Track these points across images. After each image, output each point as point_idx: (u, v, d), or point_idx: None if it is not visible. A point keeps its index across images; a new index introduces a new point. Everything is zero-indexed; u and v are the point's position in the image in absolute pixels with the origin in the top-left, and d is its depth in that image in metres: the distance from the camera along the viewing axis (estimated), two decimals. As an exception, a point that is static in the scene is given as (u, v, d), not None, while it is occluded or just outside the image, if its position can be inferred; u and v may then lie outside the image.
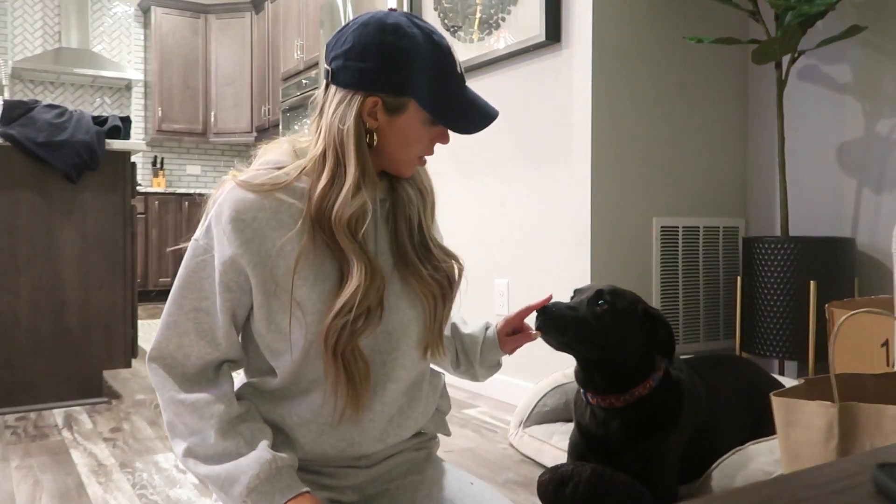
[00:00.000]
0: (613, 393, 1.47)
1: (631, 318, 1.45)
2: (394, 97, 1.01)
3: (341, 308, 0.99)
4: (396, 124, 1.03)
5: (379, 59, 1.00)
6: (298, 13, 5.47)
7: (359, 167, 1.01)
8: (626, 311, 1.44)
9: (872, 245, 2.46)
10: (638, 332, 1.46)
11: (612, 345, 1.42)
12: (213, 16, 6.69)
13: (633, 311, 1.45)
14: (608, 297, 1.43)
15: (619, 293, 1.46)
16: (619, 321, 1.43)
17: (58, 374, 2.71)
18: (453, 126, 1.06)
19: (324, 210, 1.00)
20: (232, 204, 0.99)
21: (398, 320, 1.07)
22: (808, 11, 2.24)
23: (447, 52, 1.04)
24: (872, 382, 1.42)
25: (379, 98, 1.01)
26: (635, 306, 1.46)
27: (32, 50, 6.24)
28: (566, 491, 1.42)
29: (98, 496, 1.82)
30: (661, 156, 2.62)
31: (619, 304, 1.44)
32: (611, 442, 1.49)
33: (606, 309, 1.42)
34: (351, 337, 1.00)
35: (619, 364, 1.45)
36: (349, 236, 1.00)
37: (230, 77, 6.68)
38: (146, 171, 6.74)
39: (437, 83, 1.03)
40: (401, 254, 1.09)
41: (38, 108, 2.73)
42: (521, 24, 2.71)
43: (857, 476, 0.59)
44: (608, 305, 1.42)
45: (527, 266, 2.74)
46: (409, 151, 1.06)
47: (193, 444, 1.01)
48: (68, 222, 2.73)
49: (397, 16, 1.04)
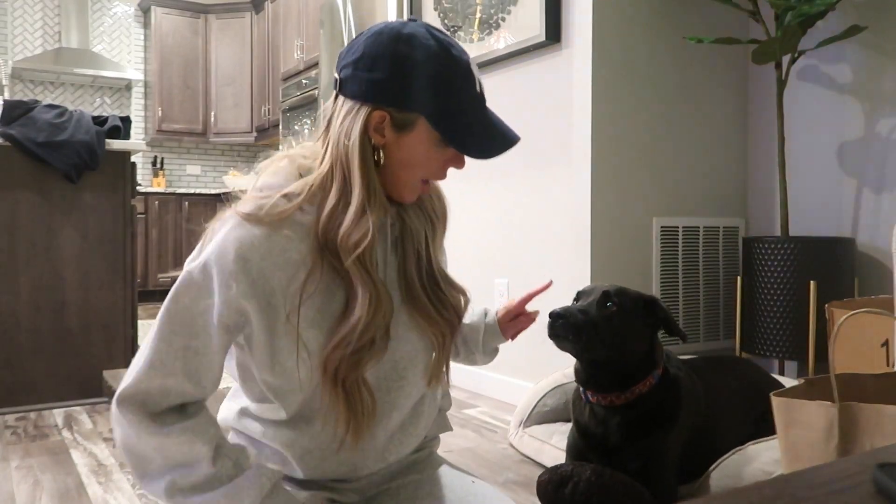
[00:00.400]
0: (615, 391, 1.47)
1: (638, 315, 1.46)
2: (402, 112, 0.94)
3: (342, 339, 0.94)
4: (404, 143, 0.96)
5: (389, 70, 0.93)
6: (298, 13, 5.47)
7: (364, 187, 0.94)
8: (633, 308, 1.46)
9: (872, 245, 2.46)
10: (644, 327, 1.47)
11: (621, 344, 1.44)
12: (213, 16, 6.69)
13: (639, 308, 1.47)
14: (615, 297, 1.44)
15: (624, 292, 1.47)
16: (627, 320, 1.44)
17: (58, 374, 2.71)
18: (465, 149, 0.98)
19: (330, 232, 0.94)
20: (238, 242, 0.91)
21: (405, 350, 1.03)
22: (808, 11, 2.24)
23: (465, 68, 0.96)
24: (872, 382, 1.42)
25: (387, 113, 0.94)
26: (639, 302, 1.47)
27: (32, 50, 6.24)
28: (565, 491, 1.42)
29: (98, 496, 1.82)
30: (661, 156, 2.62)
31: (627, 303, 1.45)
32: (610, 440, 1.49)
33: (615, 310, 1.43)
34: (354, 368, 0.95)
35: (624, 363, 1.46)
36: (356, 261, 0.93)
37: (230, 77, 6.68)
38: (146, 171, 6.74)
39: (451, 100, 0.95)
40: (408, 286, 1.03)
41: (38, 108, 2.73)
42: (521, 24, 2.71)
43: (857, 476, 0.59)
44: (616, 307, 1.43)
45: (527, 266, 2.74)
46: (413, 174, 0.98)
47: (178, 477, 0.93)
48: (68, 222, 2.73)
49: (416, 26, 0.97)
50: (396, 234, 1.04)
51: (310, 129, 4.95)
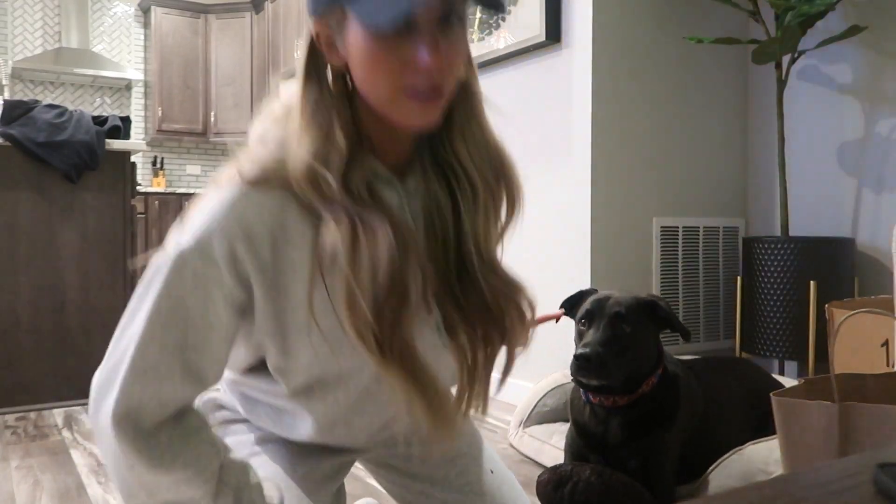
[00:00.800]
0: (620, 393, 1.48)
1: (647, 326, 1.48)
2: (330, 7, 0.79)
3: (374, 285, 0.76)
4: (350, 49, 0.79)
5: None
6: (298, 13, 5.47)
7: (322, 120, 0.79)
8: (644, 321, 1.47)
9: (872, 245, 2.46)
10: (653, 335, 1.49)
11: (639, 359, 1.46)
12: (213, 16, 6.69)
13: (646, 317, 1.48)
14: (628, 317, 1.44)
15: (632, 308, 1.46)
16: (642, 337, 1.46)
17: (58, 374, 2.71)
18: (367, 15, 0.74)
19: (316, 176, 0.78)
20: (245, 213, 0.77)
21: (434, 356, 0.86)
22: (808, 11, 2.24)
23: None
24: (872, 382, 1.41)
25: (325, 20, 0.80)
26: (645, 310, 1.48)
27: (32, 50, 6.24)
28: (565, 491, 1.42)
29: (98, 496, 1.82)
30: (661, 156, 2.62)
31: (639, 319, 1.46)
32: (610, 440, 1.49)
33: (630, 331, 1.44)
34: (393, 326, 0.77)
35: (637, 367, 1.47)
36: (350, 195, 0.77)
37: (230, 77, 6.68)
38: (146, 171, 6.74)
39: None
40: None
41: (38, 108, 2.73)
42: (521, 24, 2.71)
43: (857, 476, 0.59)
44: (631, 327, 1.44)
45: (527, 266, 2.74)
46: (379, 83, 0.78)
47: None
48: (68, 222, 2.72)
49: None
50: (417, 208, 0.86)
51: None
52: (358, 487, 1.82)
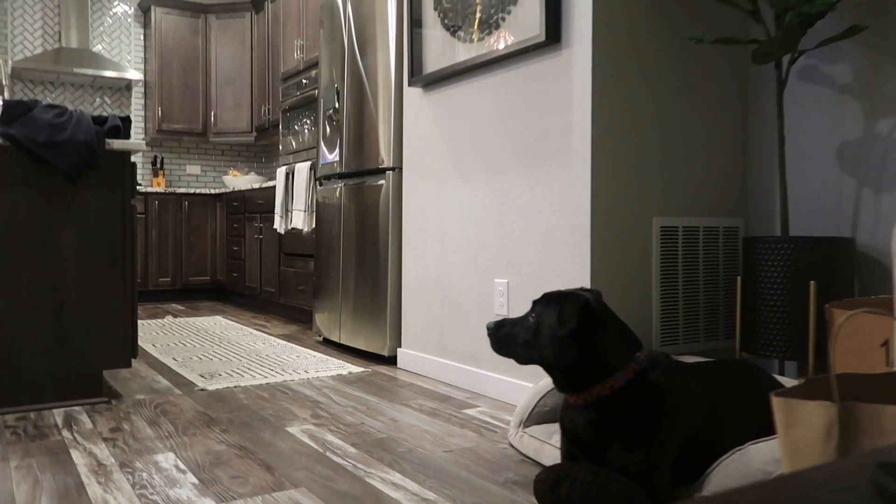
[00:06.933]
0: (572, 392, 1.57)
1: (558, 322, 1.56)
2: None
3: None
4: None
5: None
6: (298, 13, 5.47)
7: None
8: (551, 318, 1.56)
9: (872, 245, 2.46)
10: (565, 336, 1.53)
11: (546, 351, 1.55)
12: (213, 16, 6.70)
13: (555, 315, 1.56)
14: (538, 306, 1.59)
15: (549, 300, 1.57)
16: (546, 331, 1.56)
17: (58, 374, 2.71)
18: None
19: None
20: None
21: None
22: (808, 11, 2.24)
23: None
24: (872, 382, 1.42)
25: None
26: (567, 309, 1.54)
27: (32, 50, 6.24)
28: (561, 490, 1.43)
29: (98, 496, 1.82)
30: (660, 156, 2.62)
31: (546, 314, 1.56)
32: (582, 437, 1.57)
33: (536, 321, 1.57)
34: None
35: (565, 367, 1.55)
36: None
37: (230, 77, 6.68)
38: (146, 170, 6.74)
39: None
40: None
41: (38, 108, 2.73)
42: (521, 24, 2.71)
43: (857, 476, 0.59)
44: (536, 316, 1.57)
45: (527, 266, 2.74)
46: None
47: None
48: (68, 222, 2.73)
49: None
50: None
51: (309, 129, 4.95)
52: (358, 487, 1.82)
